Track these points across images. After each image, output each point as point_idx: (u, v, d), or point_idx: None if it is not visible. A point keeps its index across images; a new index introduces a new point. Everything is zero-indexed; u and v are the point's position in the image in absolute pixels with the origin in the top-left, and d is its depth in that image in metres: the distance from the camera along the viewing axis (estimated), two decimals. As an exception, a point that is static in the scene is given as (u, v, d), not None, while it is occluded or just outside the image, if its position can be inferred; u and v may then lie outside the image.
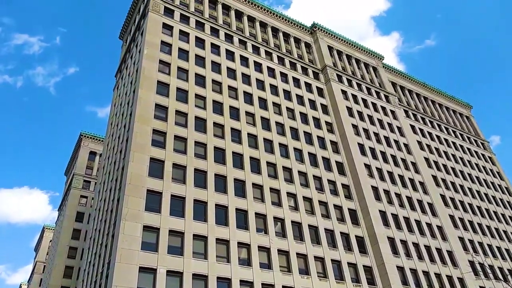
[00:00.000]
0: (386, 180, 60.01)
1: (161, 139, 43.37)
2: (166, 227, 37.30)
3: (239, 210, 43.30)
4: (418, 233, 56.04)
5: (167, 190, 39.70)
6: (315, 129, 60.07)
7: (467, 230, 66.57)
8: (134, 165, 39.45)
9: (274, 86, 61.13)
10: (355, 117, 66.20)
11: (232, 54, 59.78)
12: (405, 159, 66.57)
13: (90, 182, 79.83)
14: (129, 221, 35.65)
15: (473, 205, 72.80)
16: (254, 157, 49.49)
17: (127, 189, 37.53)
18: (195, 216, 39.77)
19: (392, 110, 74.68)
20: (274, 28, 71.98)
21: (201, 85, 51.92)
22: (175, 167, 42.12)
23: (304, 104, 62.51)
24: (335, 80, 69.62)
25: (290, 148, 54.14)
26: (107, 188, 47.71)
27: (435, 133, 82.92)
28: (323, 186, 52.92)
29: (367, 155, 61.26)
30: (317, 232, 47.49)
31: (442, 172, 74.29)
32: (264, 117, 55.23)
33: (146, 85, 46.57)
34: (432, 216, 60.53)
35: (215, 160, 45.54)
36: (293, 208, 47.93)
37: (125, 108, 51.72)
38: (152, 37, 52.06)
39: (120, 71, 66.84)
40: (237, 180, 45.71)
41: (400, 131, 71.59)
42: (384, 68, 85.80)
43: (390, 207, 56.42)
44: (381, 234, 51.24)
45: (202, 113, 48.89)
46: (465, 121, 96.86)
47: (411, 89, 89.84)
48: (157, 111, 45.45)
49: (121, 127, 50.31)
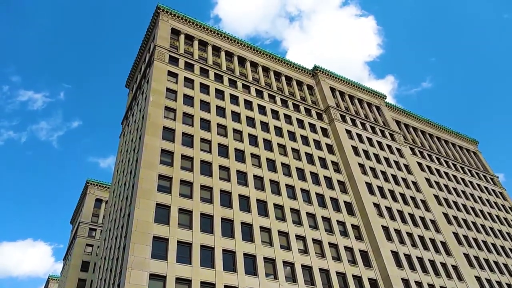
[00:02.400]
0: (397, 219, 58.80)
1: (167, 184, 43.27)
2: (173, 275, 36.33)
3: (247, 255, 42.27)
4: (433, 274, 54.08)
5: (174, 236, 39.05)
6: (321, 169, 59.81)
7: (483, 269, 64.19)
8: (140, 211, 39.11)
9: (278, 127, 61.64)
10: (361, 156, 66.03)
11: (236, 98, 60.85)
12: (414, 197, 65.55)
13: (96, 230, 79.01)
14: (135, 269, 34.82)
15: (487, 242, 70.69)
16: (261, 199, 49.00)
17: (133, 236, 36.99)
18: (202, 262, 38.82)
19: (398, 148, 74.52)
20: (277, 72, 73.68)
21: (206, 129, 52.50)
22: (181, 212, 41.69)
23: (309, 145, 62.67)
24: (338, 120, 70.15)
25: (297, 189, 53.68)
26: (113, 236, 47.07)
27: (443, 169, 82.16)
28: (333, 228, 51.87)
29: (376, 194, 60.46)
30: (328, 276, 45.97)
31: (453, 209, 72.84)
32: (270, 159, 55.24)
33: (152, 131, 47.14)
34: (447, 255, 58.65)
35: (222, 203, 45.11)
36: (303, 252, 46.75)
37: (131, 154, 52.10)
38: (157, 85, 53.36)
39: (126, 118, 68.00)
40: (244, 223, 45.00)
41: (408, 169, 71.03)
42: (387, 106, 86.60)
43: (402, 247, 54.87)
44: (395, 276, 49.47)
45: (207, 156, 49.06)
46: (472, 157, 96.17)
47: (416, 126, 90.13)
48: (163, 157, 45.68)
49: (127, 174, 50.43)
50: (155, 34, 63.39)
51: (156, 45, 59.19)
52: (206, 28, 68.93)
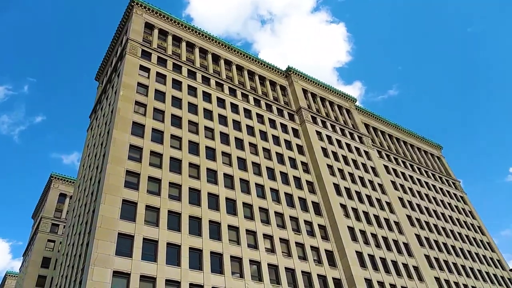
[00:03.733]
0: (362, 220, 60.18)
1: (135, 181, 42.53)
2: (138, 272, 35.78)
3: (214, 254, 42.17)
4: (395, 274, 55.70)
5: (139, 233, 38.45)
6: (291, 169, 60.41)
7: (443, 270, 66.71)
8: (106, 207, 38.28)
9: (250, 127, 61.79)
10: (330, 158, 67.16)
11: (209, 96, 60.53)
12: (380, 199, 67.27)
13: (58, 225, 76.63)
14: (98, 266, 34.06)
15: (447, 244, 73.45)
16: (230, 198, 48.99)
17: (97, 232, 36.16)
18: (168, 260, 38.42)
19: (366, 151, 76.24)
20: (250, 71, 73.79)
21: (177, 126, 51.95)
22: (148, 209, 41.10)
23: (280, 145, 63.17)
24: (310, 122, 71.06)
25: (266, 188, 54.00)
26: (76, 232, 45.85)
27: (408, 173, 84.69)
28: (300, 227, 52.52)
29: (343, 195, 61.66)
30: (294, 275, 46.51)
31: (416, 211, 75.23)
32: (241, 157, 55.31)
33: (121, 126, 46.21)
34: (408, 256, 60.55)
35: (190, 201, 44.79)
36: (270, 251, 47.09)
37: (99, 149, 50.89)
38: (128, 79, 52.34)
39: (95, 112, 66.33)
40: (213, 222, 44.86)
41: (374, 171, 72.80)
42: (357, 110, 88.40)
43: (367, 248, 56.22)
44: (358, 276, 50.64)
45: (177, 153, 48.58)
46: (436, 161, 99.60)
47: (384, 130, 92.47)
48: (131, 152, 44.86)
49: (93, 169, 49.23)
50: (128, 27, 62.14)
51: (129, 38, 58.03)
52: (180, 24, 68.14)
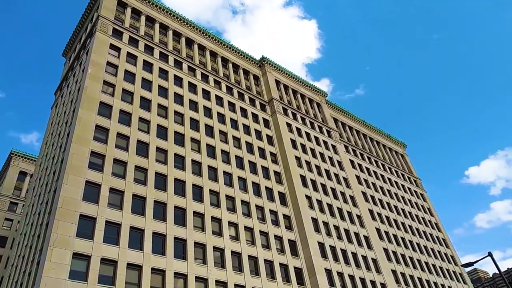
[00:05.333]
0: (326, 212, 61.52)
1: (99, 162, 41.55)
2: (98, 255, 35.18)
3: (178, 239, 42.04)
4: (354, 266, 57.46)
5: (102, 216, 37.72)
6: (260, 159, 60.76)
7: (400, 263, 69.37)
8: (68, 187, 37.24)
9: (221, 114, 61.49)
10: (298, 150, 67.99)
11: (180, 80, 59.66)
12: (344, 193, 68.90)
13: (17, 204, 73.92)
14: (57, 247, 33.22)
15: (405, 239, 76.32)
16: (197, 184, 48.81)
17: (58, 213, 35.19)
18: (131, 244, 37.97)
19: (334, 145, 77.67)
20: (224, 58, 73.18)
21: (146, 108, 50.99)
22: (112, 191, 40.32)
23: (250, 134, 63.30)
24: (280, 113, 71.50)
25: (234, 176, 54.13)
26: (36, 212, 44.42)
27: (373, 168, 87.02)
28: (265, 216, 53.10)
29: (308, 187, 62.72)
30: (256, 263, 47.13)
31: (378, 206, 77.60)
32: (210, 145, 55.06)
33: (87, 105, 44.86)
34: (368, 249, 62.55)
35: (156, 186, 44.28)
36: (234, 238, 47.42)
37: (63, 127, 49.26)
38: (97, 57, 50.73)
39: (60, 89, 63.98)
40: (178, 207, 44.62)
41: (340, 165, 74.35)
42: (327, 104, 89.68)
43: (329, 239, 57.62)
44: (319, 266, 51.91)
45: (145, 137, 47.76)
46: (399, 159, 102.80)
47: (352, 126, 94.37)
48: (97, 133, 43.71)
49: (57, 147, 47.66)
50: (99, 3, 59.96)
51: (100, 15, 56.09)
52: (155, 5, 66.46)
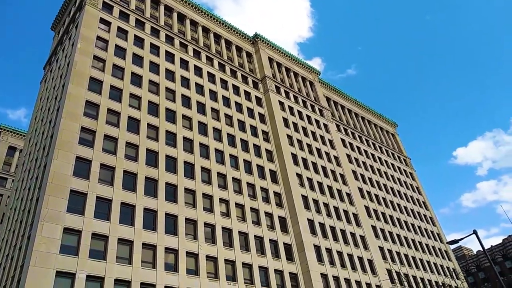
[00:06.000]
0: (316, 190, 62.28)
1: (90, 138, 41.35)
2: (89, 230, 35.48)
3: (169, 215, 42.46)
4: (342, 242, 58.68)
5: (93, 192, 37.85)
6: (251, 137, 60.88)
7: (387, 240, 70.95)
8: (58, 163, 37.16)
9: (213, 91, 61.13)
10: (290, 128, 68.15)
11: (172, 56, 58.90)
12: (334, 171, 69.61)
13: (7, 179, 73.66)
14: (48, 222, 33.41)
15: (393, 217, 77.83)
16: (189, 161, 48.95)
17: (48, 188, 35.22)
18: (122, 219, 38.29)
19: (325, 124, 77.94)
20: (217, 34, 72.17)
21: (137, 84, 50.47)
22: (103, 167, 40.33)
23: (243, 112, 63.18)
24: (273, 91, 71.26)
25: (226, 154, 54.31)
26: (26, 187, 44.38)
27: (363, 147, 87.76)
28: (256, 193, 53.65)
29: (299, 165, 63.24)
30: (247, 239, 47.91)
31: (367, 184, 78.67)
32: (202, 122, 54.94)
33: (77, 80, 44.27)
34: (356, 226, 63.76)
35: (147, 162, 44.34)
36: (225, 214, 47.99)
37: (52, 102, 48.70)
38: (87, 31, 49.75)
39: (49, 64, 62.87)
40: (169, 184, 44.86)
41: (332, 144, 74.85)
42: (320, 83, 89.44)
43: (318, 216, 58.56)
44: (308, 242, 52.94)
45: (136, 113, 47.47)
46: (390, 138, 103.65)
47: (344, 105, 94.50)
48: (87, 108, 43.34)
49: (46, 123, 47.25)
50: (88, -25, 58.25)
51: (89, -13, 54.59)
52: (146, -23, 64.71)
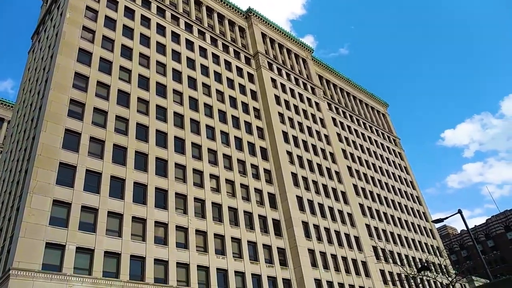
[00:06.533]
0: (305, 167, 62.82)
1: (79, 110, 40.89)
2: (79, 203, 35.56)
3: (159, 189, 42.65)
4: (330, 219, 59.71)
5: (82, 164, 37.72)
6: (243, 113, 60.72)
7: (374, 218, 72.37)
8: (46, 135, 36.81)
9: (205, 66, 60.45)
10: (282, 106, 68.05)
11: (163, 29, 57.80)
12: (324, 149, 70.10)
13: (-5, 151, 72.81)
14: (37, 194, 33.36)
15: (381, 195, 79.12)
16: (179, 136, 48.83)
17: (37, 160, 35.01)
18: (111, 193, 38.38)
19: (317, 102, 77.91)
20: (209, 7, 70.80)
21: (127, 57, 49.64)
22: (93, 140, 40.08)
23: (234, 88, 62.77)
24: (266, 68, 70.68)
25: (217, 130, 54.24)
26: (14, 158, 44.03)
27: (354, 127, 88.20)
28: (246, 170, 53.97)
29: (290, 143, 63.52)
30: (236, 214, 48.48)
31: (356, 163, 79.50)
32: (193, 97, 54.54)
33: (65, 51, 43.36)
34: (344, 204, 64.80)
35: (137, 137, 44.14)
36: (215, 190, 48.34)
37: (41, 74, 47.80)
38: (76, 1, 48.37)
39: (37, 33, 61.33)
40: (159, 159, 44.84)
41: (322, 123, 75.08)
42: (313, 61, 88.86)
43: (307, 193, 59.30)
44: (296, 218, 53.79)
45: (126, 86, 46.88)
46: (381, 118, 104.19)
47: (336, 83, 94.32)
48: (76, 80, 42.65)
49: (35, 94, 46.50)
50: None
51: (78, -46, 52.77)
52: None
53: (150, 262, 37.19)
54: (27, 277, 29.53)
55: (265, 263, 47.08)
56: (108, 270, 34.32)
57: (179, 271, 39.04)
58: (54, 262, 31.72)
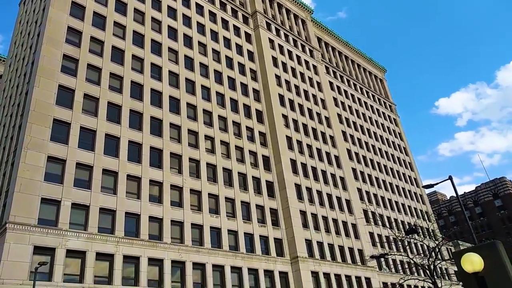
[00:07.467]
0: (300, 131, 62.97)
1: (72, 66, 40.13)
2: (74, 160, 35.68)
3: (154, 149, 42.76)
4: (322, 182, 60.61)
5: (76, 122, 37.50)
6: (239, 75, 59.97)
7: (366, 183, 73.57)
8: (40, 91, 36.31)
9: (201, 24, 58.95)
10: (279, 68, 67.17)
11: (158, -16, 55.73)
12: (320, 113, 70.02)
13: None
14: (31, 150, 33.36)
15: (374, 160, 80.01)
16: (174, 96, 48.39)
17: (31, 116, 34.73)
18: (106, 151, 38.45)
19: (315, 65, 76.93)
20: (207, -38, 68.02)
21: (121, 12, 48.17)
22: (87, 98, 39.64)
23: (231, 48, 61.60)
24: (264, 28, 69.10)
25: (212, 91, 53.73)
26: (8, 114, 43.62)
27: (350, 91, 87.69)
28: (241, 132, 54.02)
29: (286, 106, 63.26)
30: (230, 175, 49.01)
31: (351, 128, 79.75)
32: (188, 56, 53.57)
33: (58, 4, 41.93)
34: (337, 168, 65.57)
35: (132, 95, 43.67)
36: (210, 151, 48.56)
37: (33, 27, 46.44)
38: (67, -50, 46.18)
39: (28, -16, 58.96)
40: (154, 118, 44.64)
41: (319, 87, 74.51)
42: (312, 22, 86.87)
43: (301, 157, 59.80)
44: (289, 180, 54.54)
45: (120, 43, 45.83)
46: (378, 83, 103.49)
47: (335, 46, 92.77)
48: (69, 35, 41.55)
49: (27, 48, 45.39)
50: None
51: None
52: None
53: (145, 219, 37.91)
54: (23, 231, 30.10)
55: (257, 223, 48.18)
56: (104, 226, 35.01)
57: (173, 229, 39.92)
58: (49, 217, 32.23)
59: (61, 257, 31.21)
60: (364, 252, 58.20)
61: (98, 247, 33.51)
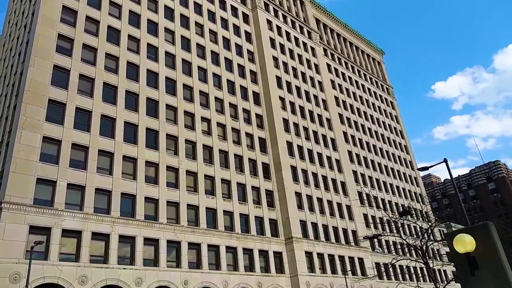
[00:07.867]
0: (297, 113, 62.98)
1: (68, 46, 39.75)
2: (69, 140, 35.74)
3: (150, 130, 42.80)
4: (318, 164, 61.01)
5: (72, 102, 37.40)
6: (236, 56, 59.54)
7: (361, 165, 74.08)
8: (35, 71, 36.06)
9: (198, 4, 58.16)
10: (276, 49, 66.65)
11: (154, -38, 54.67)
12: (317, 96, 69.89)
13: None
14: (26, 130, 33.38)
15: (369, 143, 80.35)
16: (170, 77, 48.15)
17: (26, 96, 34.59)
18: (102, 131, 38.50)
19: (312, 47, 76.34)
20: None
21: (117, -9, 47.37)
22: (82, 78, 39.42)
23: (228, 29, 60.96)
24: (262, 8, 68.25)
25: (209, 72, 53.45)
26: (2, 94, 43.39)
27: (348, 74, 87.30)
28: (238, 114, 54.02)
29: (283, 88, 63.08)
30: (226, 157, 49.26)
31: (348, 111, 79.76)
32: (185, 37, 53.05)
33: (51, -18, 41.18)
34: (333, 150, 65.90)
35: (127, 76, 43.43)
36: (206, 133, 48.65)
37: (27, 5, 45.74)
38: None
39: (21, -39, 57.73)
40: (150, 99, 44.52)
41: (317, 69, 74.14)
42: (311, 3, 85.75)
43: (297, 139, 60.02)
44: (285, 162, 54.88)
45: (116, 23, 45.28)
46: (376, 66, 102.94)
47: (333, 28, 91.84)
48: (64, 14, 40.98)
49: (21, 27, 44.82)
50: None
51: None
52: None
53: (140, 200, 38.27)
54: (19, 211, 30.39)
55: (253, 204, 48.72)
56: (99, 207, 35.35)
57: (169, 209, 40.35)
58: (45, 197, 32.50)
59: (56, 236, 31.62)
60: (357, 233, 59.11)
61: (93, 227, 33.93)
